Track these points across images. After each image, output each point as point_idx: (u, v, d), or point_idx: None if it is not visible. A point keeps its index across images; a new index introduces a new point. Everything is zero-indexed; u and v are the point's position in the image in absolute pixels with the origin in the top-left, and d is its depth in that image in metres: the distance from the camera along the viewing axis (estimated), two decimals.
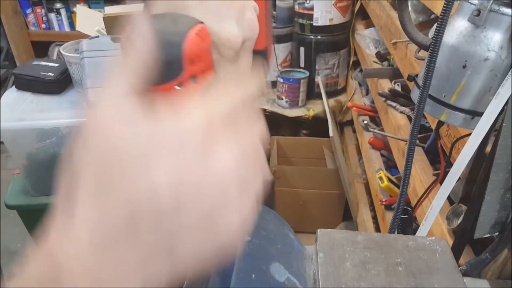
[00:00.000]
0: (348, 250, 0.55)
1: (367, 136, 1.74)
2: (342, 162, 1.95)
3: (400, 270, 0.53)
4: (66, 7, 3.13)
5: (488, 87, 0.67)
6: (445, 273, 0.52)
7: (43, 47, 3.00)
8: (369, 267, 0.53)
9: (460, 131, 0.87)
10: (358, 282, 0.51)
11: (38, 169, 1.57)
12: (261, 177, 0.29)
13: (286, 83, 2.23)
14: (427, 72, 0.64)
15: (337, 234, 0.58)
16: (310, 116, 2.27)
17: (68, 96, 1.65)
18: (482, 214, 0.71)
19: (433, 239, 0.58)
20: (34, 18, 3.13)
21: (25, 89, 1.66)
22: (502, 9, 0.63)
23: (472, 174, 0.82)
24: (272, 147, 2.28)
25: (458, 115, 0.71)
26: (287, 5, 2.29)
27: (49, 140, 1.50)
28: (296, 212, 2.16)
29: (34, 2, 3.06)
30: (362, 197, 1.75)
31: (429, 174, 1.06)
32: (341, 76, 2.39)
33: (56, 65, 1.70)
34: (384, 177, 1.40)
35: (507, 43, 0.64)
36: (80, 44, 1.57)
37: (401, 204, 0.77)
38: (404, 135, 1.29)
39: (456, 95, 0.70)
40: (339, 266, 0.53)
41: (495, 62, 0.65)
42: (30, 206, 1.61)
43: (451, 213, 0.89)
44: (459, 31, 0.68)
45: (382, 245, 0.56)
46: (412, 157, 0.72)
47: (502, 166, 0.67)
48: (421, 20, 1.49)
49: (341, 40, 2.29)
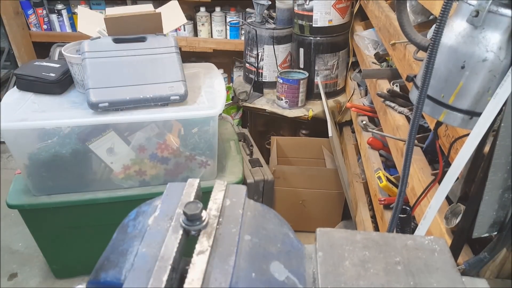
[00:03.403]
0: (347, 249, 0.55)
1: (366, 136, 1.74)
2: (341, 162, 1.95)
3: (398, 269, 0.53)
4: (67, 8, 3.14)
5: (486, 87, 0.68)
6: (444, 272, 0.53)
7: (44, 47, 3.00)
8: (368, 266, 0.53)
9: (458, 131, 0.87)
10: (357, 281, 0.51)
11: (40, 169, 1.58)
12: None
13: (285, 84, 2.23)
14: (425, 73, 0.65)
15: (336, 233, 0.58)
16: (309, 117, 2.27)
17: (69, 97, 1.66)
18: (480, 213, 0.71)
19: (432, 238, 0.58)
20: (35, 19, 3.13)
21: (27, 89, 1.67)
22: (501, 10, 0.64)
23: (471, 174, 0.82)
24: (272, 147, 2.28)
25: (457, 115, 0.72)
26: (286, 7, 2.30)
27: (50, 140, 1.51)
28: (295, 212, 2.16)
29: (35, 3, 3.07)
30: (361, 197, 1.75)
31: (428, 174, 1.07)
32: (340, 76, 2.40)
33: (57, 65, 1.70)
34: (383, 177, 1.40)
35: (505, 44, 0.65)
36: (81, 45, 1.58)
37: (399, 203, 0.77)
38: (402, 135, 1.29)
39: (455, 95, 0.70)
40: (338, 265, 0.53)
41: (494, 63, 0.66)
42: (32, 205, 1.61)
43: (449, 213, 0.89)
44: (458, 32, 0.68)
45: (381, 244, 0.56)
46: (411, 157, 0.73)
47: (500, 166, 0.68)
48: (419, 21, 1.49)
49: (340, 41, 2.29)
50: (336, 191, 2.09)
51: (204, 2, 2.88)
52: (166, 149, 1.64)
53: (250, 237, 0.53)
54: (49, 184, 1.62)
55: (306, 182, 2.09)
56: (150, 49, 1.60)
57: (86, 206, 1.66)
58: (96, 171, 1.63)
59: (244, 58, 2.54)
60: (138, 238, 0.54)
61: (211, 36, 3.04)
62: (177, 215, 0.55)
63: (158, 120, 1.55)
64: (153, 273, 0.47)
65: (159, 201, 0.59)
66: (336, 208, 2.15)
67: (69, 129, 1.50)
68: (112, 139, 1.56)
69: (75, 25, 3.15)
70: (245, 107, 2.43)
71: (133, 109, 1.52)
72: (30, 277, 1.95)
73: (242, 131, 2.34)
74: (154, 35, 1.66)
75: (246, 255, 0.51)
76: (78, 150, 1.55)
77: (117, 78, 1.51)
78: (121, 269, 0.51)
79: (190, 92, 1.61)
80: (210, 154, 1.69)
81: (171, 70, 1.57)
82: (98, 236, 1.63)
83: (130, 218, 0.60)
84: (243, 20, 2.87)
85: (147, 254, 0.50)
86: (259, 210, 0.58)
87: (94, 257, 0.58)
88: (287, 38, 2.36)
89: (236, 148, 1.97)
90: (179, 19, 1.84)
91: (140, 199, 0.93)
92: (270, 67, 2.41)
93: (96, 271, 0.54)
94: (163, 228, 0.53)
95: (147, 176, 1.69)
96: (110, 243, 0.58)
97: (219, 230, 0.53)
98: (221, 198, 0.58)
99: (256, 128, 2.56)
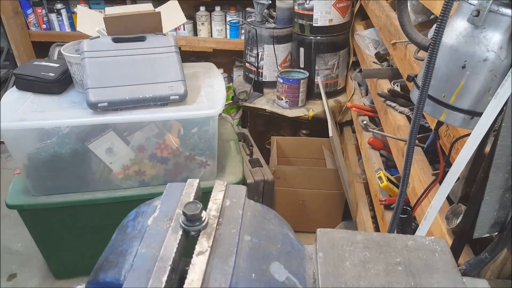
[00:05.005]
0: (348, 249, 0.55)
1: (366, 136, 1.74)
2: (341, 162, 1.95)
3: (399, 270, 0.53)
4: (67, 8, 3.14)
5: (487, 87, 0.68)
6: (445, 272, 0.52)
7: (43, 47, 3.00)
8: (369, 266, 0.53)
9: (459, 131, 0.87)
10: (357, 282, 0.51)
11: (39, 169, 1.57)
12: None
13: (286, 84, 2.23)
14: (426, 73, 0.64)
15: (336, 233, 0.58)
16: (309, 116, 2.27)
17: (68, 96, 1.66)
18: (481, 214, 0.71)
19: (433, 238, 0.57)
20: (34, 18, 3.13)
21: (26, 89, 1.66)
22: (502, 9, 0.64)
23: (472, 174, 0.82)
24: (272, 147, 2.28)
25: (458, 115, 0.71)
26: (287, 6, 2.29)
27: (49, 140, 1.50)
28: (296, 212, 2.16)
29: (34, 2, 3.07)
30: (362, 197, 1.75)
31: (429, 174, 1.06)
32: (341, 76, 2.40)
33: (56, 65, 1.70)
34: (384, 177, 1.40)
35: (506, 44, 0.65)
36: (80, 45, 1.58)
37: (400, 203, 0.77)
38: (403, 135, 1.29)
39: (456, 95, 0.70)
40: (339, 266, 0.53)
41: (495, 63, 0.66)
42: (31, 206, 1.61)
43: (450, 213, 0.89)
44: (459, 31, 0.68)
45: (381, 244, 0.56)
46: (412, 157, 0.72)
47: (501, 166, 0.67)
48: (420, 21, 1.49)
49: (340, 41, 2.29)
50: (336, 191, 2.08)
51: (204, 1, 2.88)
52: (165, 149, 1.63)
53: (250, 237, 0.53)
54: (49, 184, 1.62)
55: (306, 182, 2.09)
56: (149, 49, 1.60)
57: (85, 207, 1.66)
58: (95, 171, 1.63)
59: (244, 58, 2.53)
60: (138, 238, 0.54)
61: (211, 36, 3.03)
62: (176, 215, 0.54)
63: (158, 120, 1.55)
64: (153, 273, 0.47)
65: (159, 201, 0.59)
66: (337, 208, 2.15)
67: (68, 129, 1.50)
68: (111, 139, 1.56)
69: (74, 24, 3.15)
70: (245, 107, 2.42)
71: (132, 109, 1.52)
72: (30, 278, 1.95)
73: (242, 131, 2.34)
74: (154, 34, 1.65)
75: (246, 255, 0.50)
76: (77, 150, 1.54)
77: (116, 77, 1.51)
78: (121, 269, 0.51)
79: (190, 92, 1.61)
80: (210, 154, 1.68)
81: (170, 70, 1.57)
82: (98, 236, 1.63)
83: (130, 219, 0.60)
84: (243, 20, 2.86)
85: (146, 255, 0.50)
86: (259, 211, 0.58)
87: (94, 258, 0.58)
88: (287, 38, 2.35)
89: (236, 148, 1.97)
90: (178, 18, 1.84)
91: (139, 200, 0.92)
92: (270, 66, 2.40)
93: (95, 271, 0.54)
94: (162, 229, 0.53)
95: (146, 176, 1.68)
96: (109, 244, 0.58)
97: (219, 230, 0.53)
98: (221, 199, 0.57)
99: (256, 128, 2.56)
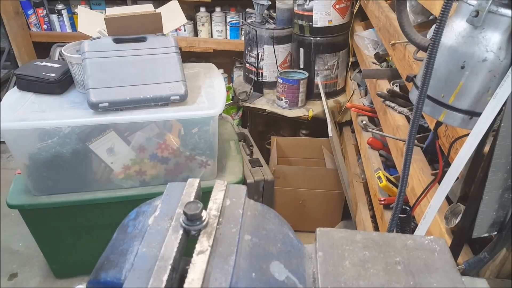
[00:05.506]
0: (347, 249, 0.55)
1: (366, 136, 1.74)
2: (341, 162, 1.95)
3: (398, 269, 0.53)
4: (68, 8, 3.14)
5: (486, 87, 0.68)
6: (444, 272, 0.53)
7: (44, 47, 3.00)
8: (368, 266, 0.53)
9: (458, 131, 0.87)
10: (357, 281, 0.51)
11: (40, 169, 1.58)
12: None
13: (285, 84, 2.23)
14: (425, 73, 0.65)
15: (336, 233, 0.58)
16: (309, 117, 2.27)
17: (69, 97, 1.66)
18: (480, 213, 0.71)
19: (432, 238, 0.58)
20: (35, 19, 3.13)
21: (27, 89, 1.67)
22: (501, 10, 0.64)
23: (471, 174, 0.82)
24: (272, 147, 2.28)
25: (457, 116, 0.72)
26: (286, 7, 2.30)
27: (50, 140, 1.51)
28: (295, 212, 2.16)
29: (35, 3, 3.07)
30: (361, 197, 1.75)
31: (428, 173, 1.07)
32: (340, 77, 2.40)
33: (57, 65, 1.70)
34: (383, 177, 1.40)
35: (505, 44, 0.65)
36: (81, 45, 1.58)
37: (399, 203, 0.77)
38: (402, 135, 1.29)
39: (455, 95, 0.70)
40: (338, 265, 0.53)
41: (494, 63, 0.66)
42: (32, 205, 1.61)
43: (449, 213, 0.89)
44: (458, 32, 0.68)
45: (381, 244, 0.56)
46: (411, 157, 0.73)
47: (500, 166, 0.68)
48: (419, 21, 1.49)
49: (340, 41, 2.29)
50: (336, 191, 2.09)
51: (204, 2, 2.88)
52: (166, 149, 1.64)
53: (250, 237, 0.53)
54: (49, 184, 1.62)
55: (306, 182, 2.09)
56: (150, 49, 1.60)
57: (86, 206, 1.66)
58: (96, 171, 1.63)
59: (244, 58, 2.54)
60: (138, 238, 0.54)
61: (211, 36, 3.04)
62: (177, 215, 0.55)
63: (158, 120, 1.55)
64: (153, 273, 0.47)
65: (159, 201, 0.59)
66: (336, 208, 2.15)
67: (69, 129, 1.50)
68: (112, 139, 1.56)
69: (75, 25, 3.15)
70: (245, 107, 2.43)
71: (133, 109, 1.52)
72: (30, 277, 1.95)
73: (242, 131, 2.34)
74: (154, 35, 1.66)
75: (246, 255, 0.51)
76: (78, 150, 1.55)
77: (117, 78, 1.51)
78: (121, 269, 0.51)
79: (190, 92, 1.61)
80: (210, 154, 1.69)
81: (171, 70, 1.57)
82: (98, 236, 1.64)
83: (130, 218, 0.60)
84: (243, 20, 2.87)
85: (147, 254, 0.50)
86: (259, 210, 0.58)
87: (94, 257, 0.58)
88: (287, 38, 2.36)
89: (236, 148, 1.97)
90: (179, 19, 1.84)
91: (140, 199, 0.93)
92: (270, 67, 2.41)
93: (96, 271, 0.54)
94: (163, 228, 0.53)
95: (147, 176, 1.69)
96: (110, 243, 0.58)
97: (219, 230, 0.53)
98: (221, 198, 0.58)
99: (256, 128, 2.56)
